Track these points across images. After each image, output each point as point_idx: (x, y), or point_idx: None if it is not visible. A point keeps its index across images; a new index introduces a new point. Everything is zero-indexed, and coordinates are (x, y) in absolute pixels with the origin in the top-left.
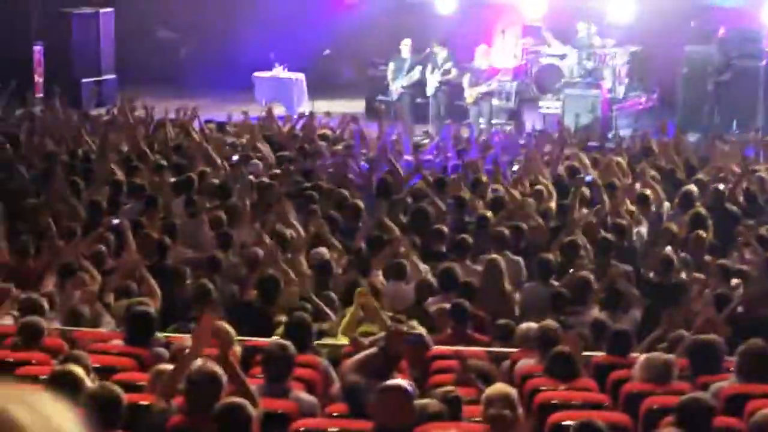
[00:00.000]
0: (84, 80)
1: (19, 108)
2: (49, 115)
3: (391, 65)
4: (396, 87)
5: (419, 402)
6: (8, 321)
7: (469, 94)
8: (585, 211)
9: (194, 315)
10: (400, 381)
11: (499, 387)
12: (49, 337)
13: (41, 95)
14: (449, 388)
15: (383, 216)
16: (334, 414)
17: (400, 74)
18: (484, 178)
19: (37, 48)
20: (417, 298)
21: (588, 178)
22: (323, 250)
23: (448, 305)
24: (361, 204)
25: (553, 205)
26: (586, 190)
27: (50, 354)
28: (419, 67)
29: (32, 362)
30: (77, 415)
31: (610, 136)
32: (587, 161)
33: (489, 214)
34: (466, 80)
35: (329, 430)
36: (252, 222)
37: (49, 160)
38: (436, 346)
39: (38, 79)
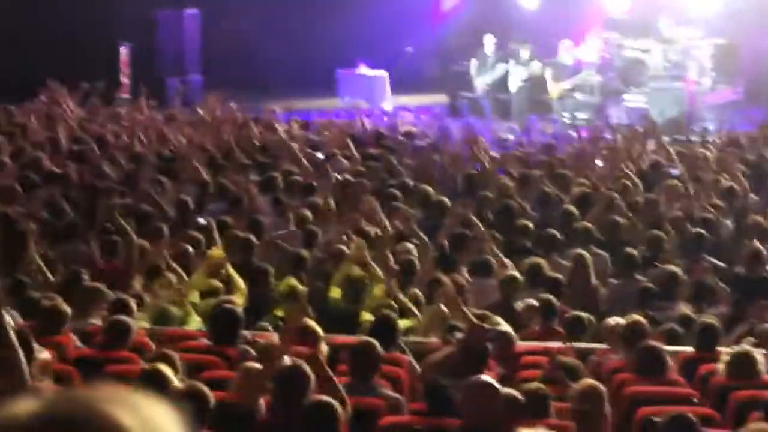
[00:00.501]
0: (169, 80)
1: (106, 108)
2: (136, 115)
3: (474, 62)
4: (479, 83)
5: (507, 395)
6: (97, 320)
7: (553, 89)
8: (671, 204)
9: (282, 313)
10: (486, 377)
11: (588, 383)
12: (137, 336)
13: (127, 95)
14: (536, 384)
15: (468, 212)
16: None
17: (484, 71)
18: (569, 173)
19: (124, 49)
20: (502, 295)
21: (674, 172)
22: (409, 245)
23: (534, 301)
24: (446, 201)
25: (639, 199)
26: (672, 184)
27: (138, 353)
28: (502, 64)
29: (120, 361)
30: (173, 414)
31: (695, 129)
32: (673, 155)
33: (574, 209)
34: (549, 75)
35: (415, 427)
36: (337, 219)
37: (136, 160)
38: (523, 342)
39: (124, 79)
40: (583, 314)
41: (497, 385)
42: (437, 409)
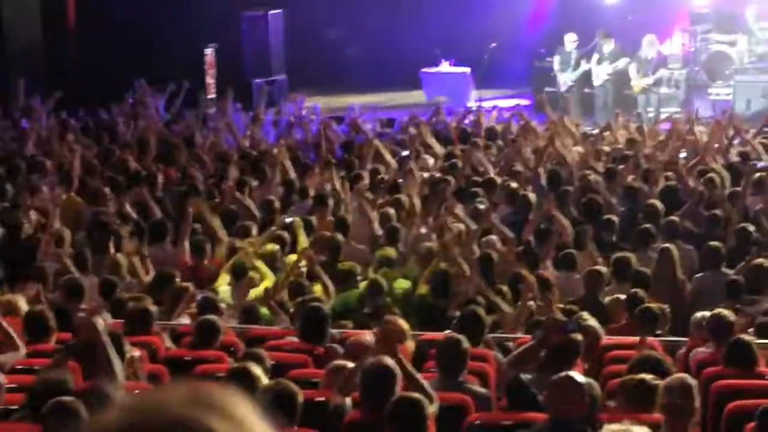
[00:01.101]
0: (255, 80)
1: (192, 109)
2: (220, 116)
3: (557, 58)
4: (563, 80)
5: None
6: (186, 320)
7: (637, 84)
8: (758, 197)
9: (368, 310)
10: (572, 373)
11: (678, 376)
12: (227, 336)
13: (213, 96)
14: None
15: (553, 207)
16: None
17: (567, 68)
18: (655, 167)
19: (209, 50)
20: (588, 289)
21: (760, 165)
22: (493, 239)
23: (621, 295)
24: (531, 196)
25: (725, 192)
26: (758, 177)
27: (226, 352)
28: (586, 61)
29: (209, 360)
30: (262, 413)
31: None
32: (760, 147)
33: (659, 203)
34: (633, 70)
35: (503, 422)
36: (423, 217)
37: (222, 160)
38: (610, 337)
39: (210, 80)
40: (658, 307)
41: (583, 380)
42: (517, 405)
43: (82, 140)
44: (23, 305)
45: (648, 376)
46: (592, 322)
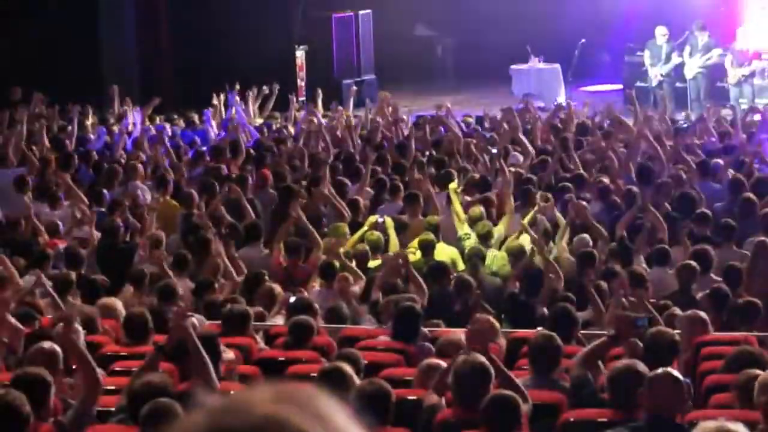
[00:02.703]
0: (345, 81)
1: (283, 112)
2: (312, 118)
3: (647, 53)
4: (654, 74)
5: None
6: (279, 321)
7: (732, 75)
8: None
9: (458, 309)
10: (669, 369)
11: None
12: (320, 337)
13: (303, 98)
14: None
15: (646, 202)
16: None
17: (658, 62)
18: (749, 160)
19: (300, 52)
20: (680, 284)
21: None
22: (586, 237)
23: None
24: (622, 191)
25: None
26: None
27: (320, 352)
28: (677, 54)
29: (303, 361)
30: (352, 413)
31: None
32: None
33: (753, 196)
34: (728, 61)
35: (598, 419)
36: (512, 214)
37: (314, 162)
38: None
39: (301, 82)
40: (751, 301)
41: (680, 376)
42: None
43: (174, 145)
44: (121, 308)
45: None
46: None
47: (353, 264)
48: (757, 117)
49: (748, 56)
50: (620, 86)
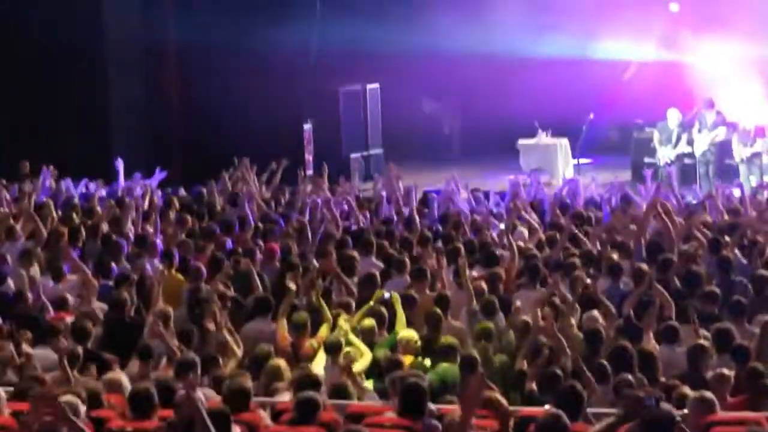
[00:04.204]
0: (352, 155)
1: (291, 186)
2: (319, 192)
3: (657, 134)
4: (662, 154)
5: None
6: (286, 397)
7: (738, 153)
8: None
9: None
10: None
11: None
12: (326, 413)
13: (311, 172)
14: None
15: (652, 279)
16: None
17: (667, 143)
18: (759, 238)
19: (307, 126)
20: (690, 364)
21: None
22: (596, 314)
23: (725, 371)
24: (631, 268)
25: None
26: None
27: (326, 429)
28: (687, 137)
29: None
30: None
31: None
32: None
33: (765, 274)
34: (735, 139)
35: None
36: (517, 291)
37: (322, 236)
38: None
39: (308, 156)
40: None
41: None
42: None
43: (184, 218)
44: (126, 383)
45: None
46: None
47: (359, 339)
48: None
49: (751, 135)
50: (627, 162)
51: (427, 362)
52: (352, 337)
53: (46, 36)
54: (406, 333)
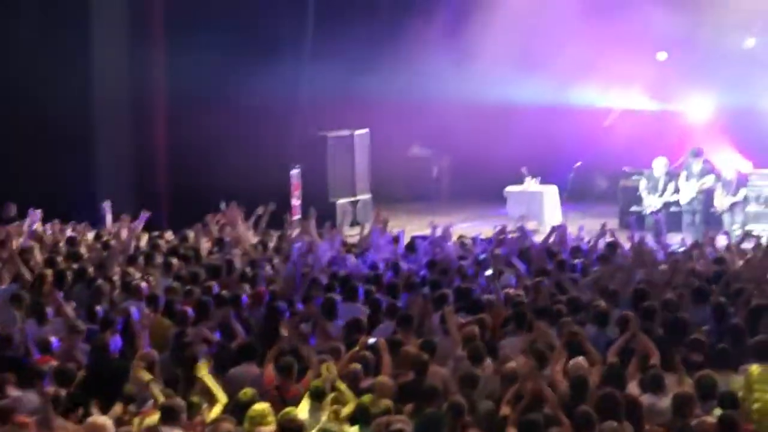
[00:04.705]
0: (340, 201)
1: (278, 230)
2: (306, 237)
3: (643, 182)
4: (649, 203)
5: None
6: None
7: (720, 202)
8: None
9: None
10: None
11: None
12: None
13: (297, 217)
14: None
15: (636, 327)
16: None
17: (654, 192)
18: (744, 286)
19: (295, 171)
20: (675, 412)
21: None
22: (581, 361)
23: (709, 418)
24: (617, 314)
25: None
26: None
27: None
28: (673, 185)
29: None
30: None
31: None
32: None
33: (748, 323)
34: (719, 188)
35: None
36: (504, 337)
37: (309, 282)
38: None
39: (295, 201)
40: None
41: None
42: None
43: (170, 261)
44: (110, 427)
45: None
46: None
47: (345, 385)
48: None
49: (734, 184)
50: (614, 209)
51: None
52: (339, 383)
53: (35, 81)
54: (381, 377)
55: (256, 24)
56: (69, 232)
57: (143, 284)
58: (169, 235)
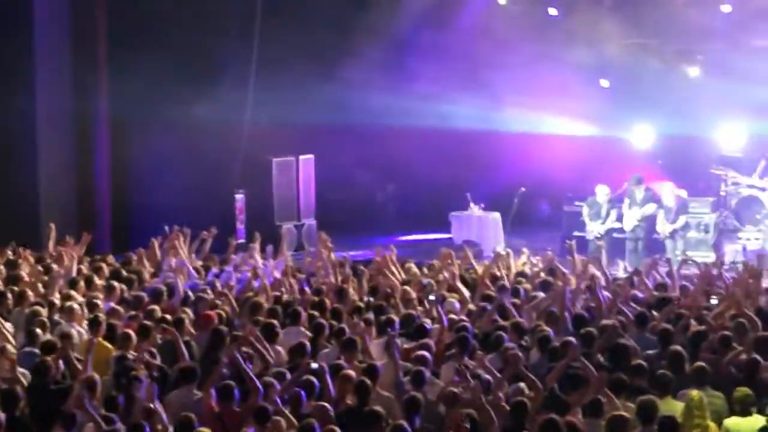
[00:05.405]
0: (284, 225)
1: (221, 255)
2: (250, 262)
3: (586, 209)
4: (591, 228)
5: None
6: None
7: (662, 229)
8: None
9: None
10: None
11: None
12: None
13: (242, 241)
14: None
15: (577, 353)
16: None
17: (597, 218)
18: (685, 312)
19: (239, 195)
20: None
21: None
22: (521, 385)
23: None
24: (559, 341)
25: (758, 337)
26: None
27: None
28: (616, 213)
29: None
30: None
31: None
32: None
33: (688, 349)
34: (660, 215)
35: None
36: (447, 362)
37: (251, 306)
38: None
39: (239, 225)
40: None
41: None
42: None
43: (112, 285)
44: None
45: None
46: None
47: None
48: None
49: (673, 211)
50: (557, 235)
51: None
52: (281, 407)
53: None
54: (318, 403)
55: (201, 47)
56: (9, 255)
57: (85, 308)
58: (111, 258)
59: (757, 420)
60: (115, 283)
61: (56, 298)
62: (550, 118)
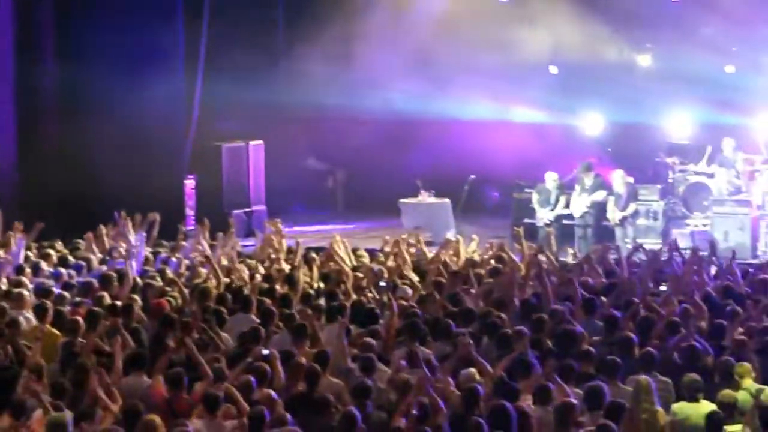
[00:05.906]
0: (234, 212)
1: (169, 242)
2: (198, 248)
3: (536, 195)
4: (541, 216)
5: None
6: None
7: (612, 216)
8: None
9: None
10: None
11: None
12: None
13: (191, 227)
14: None
15: (525, 339)
16: None
17: (546, 205)
18: (633, 298)
19: (189, 181)
20: (557, 422)
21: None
22: (473, 371)
23: (593, 428)
24: (510, 328)
25: (704, 324)
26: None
27: None
28: (564, 199)
29: None
30: None
31: (759, 253)
32: (739, 278)
33: (635, 334)
34: (610, 203)
35: None
36: (397, 348)
37: (201, 292)
38: None
39: (189, 211)
40: None
41: None
42: None
43: (60, 272)
44: None
45: None
46: None
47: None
48: (642, 257)
49: (624, 198)
50: (507, 222)
51: None
52: (234, 391)
53: None
54: (265, 390)
55: (150, 34)
56: None
57: (30, 294)
58: (59, 244)
59: (704, 405)
60: (64, 270)
61: (3, 284)
62: (499, 104)
